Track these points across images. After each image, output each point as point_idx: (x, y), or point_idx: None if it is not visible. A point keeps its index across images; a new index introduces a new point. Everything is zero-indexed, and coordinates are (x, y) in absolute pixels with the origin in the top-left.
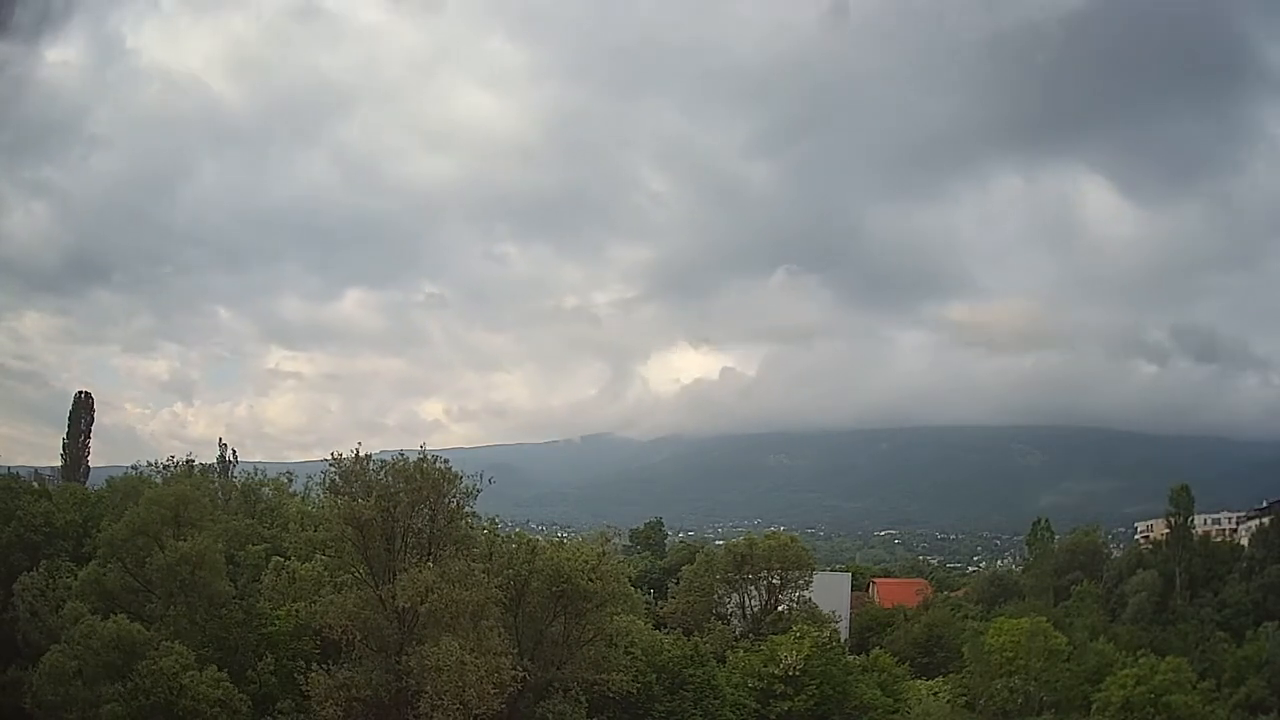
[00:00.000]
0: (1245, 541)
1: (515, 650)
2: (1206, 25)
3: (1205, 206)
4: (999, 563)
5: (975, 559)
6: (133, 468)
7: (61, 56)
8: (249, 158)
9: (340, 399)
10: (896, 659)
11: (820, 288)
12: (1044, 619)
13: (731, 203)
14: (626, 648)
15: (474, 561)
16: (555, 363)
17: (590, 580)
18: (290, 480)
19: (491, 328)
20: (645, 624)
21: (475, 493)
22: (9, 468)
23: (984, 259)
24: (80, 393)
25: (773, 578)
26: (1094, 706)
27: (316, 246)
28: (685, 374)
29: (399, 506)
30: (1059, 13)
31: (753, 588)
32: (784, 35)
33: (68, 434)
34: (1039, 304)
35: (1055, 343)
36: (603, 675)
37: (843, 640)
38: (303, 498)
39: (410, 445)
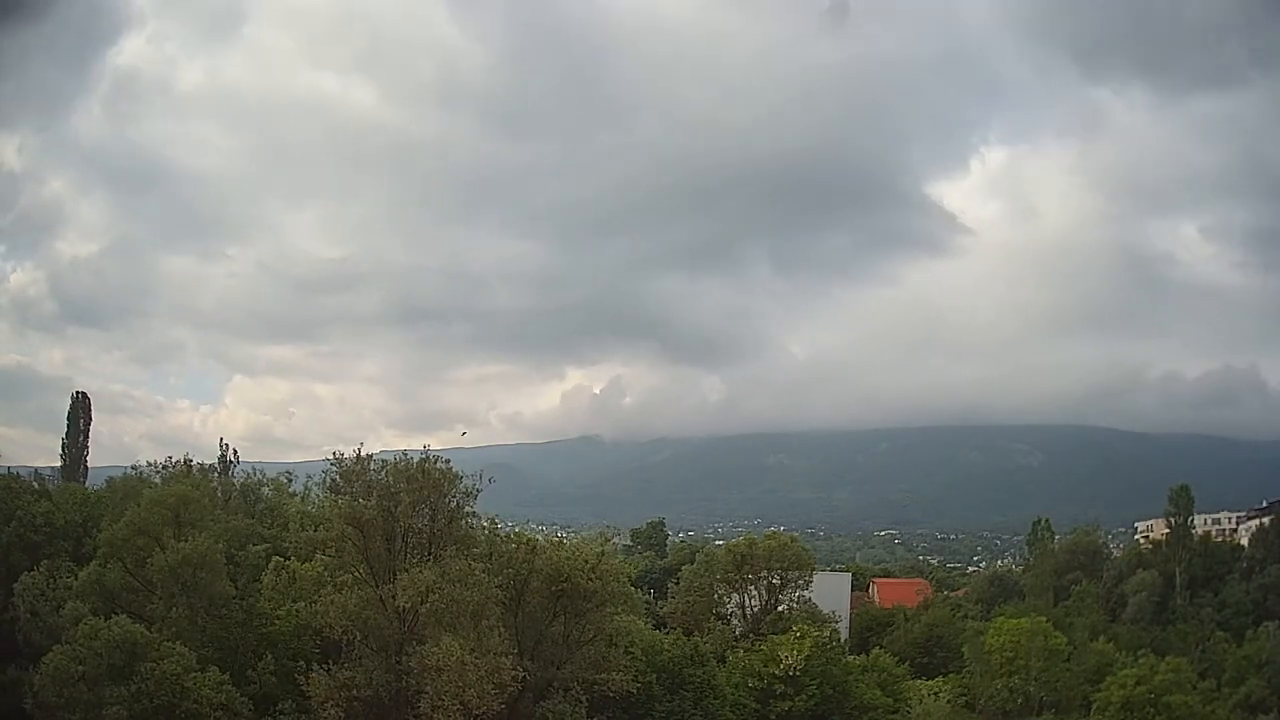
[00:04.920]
0: (1245, 541)
1: (515, 650)
2: (846, 157)
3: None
4: (999, 563)
5: (975, 559)
6: (133, 468)
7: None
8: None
9: (299, 413)
10: (896, 659)
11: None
12: (1044, 619)
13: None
14: (626, 647)
15: (474, 561)
16: (487, 384)
17: (590, 580)
18: (290, 480)
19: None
20: (645, 624)
21: (475, 493)
22: (9, 468)
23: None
24: (77, 393)
25: (773, 578)
26: (1094, 706)
27: (250, 309)
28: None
29: (400, 506)
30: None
31: (753, 588)
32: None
33: (67, 434)
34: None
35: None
36: (603, 675)
37: (843, 640)
38: (303, 498)
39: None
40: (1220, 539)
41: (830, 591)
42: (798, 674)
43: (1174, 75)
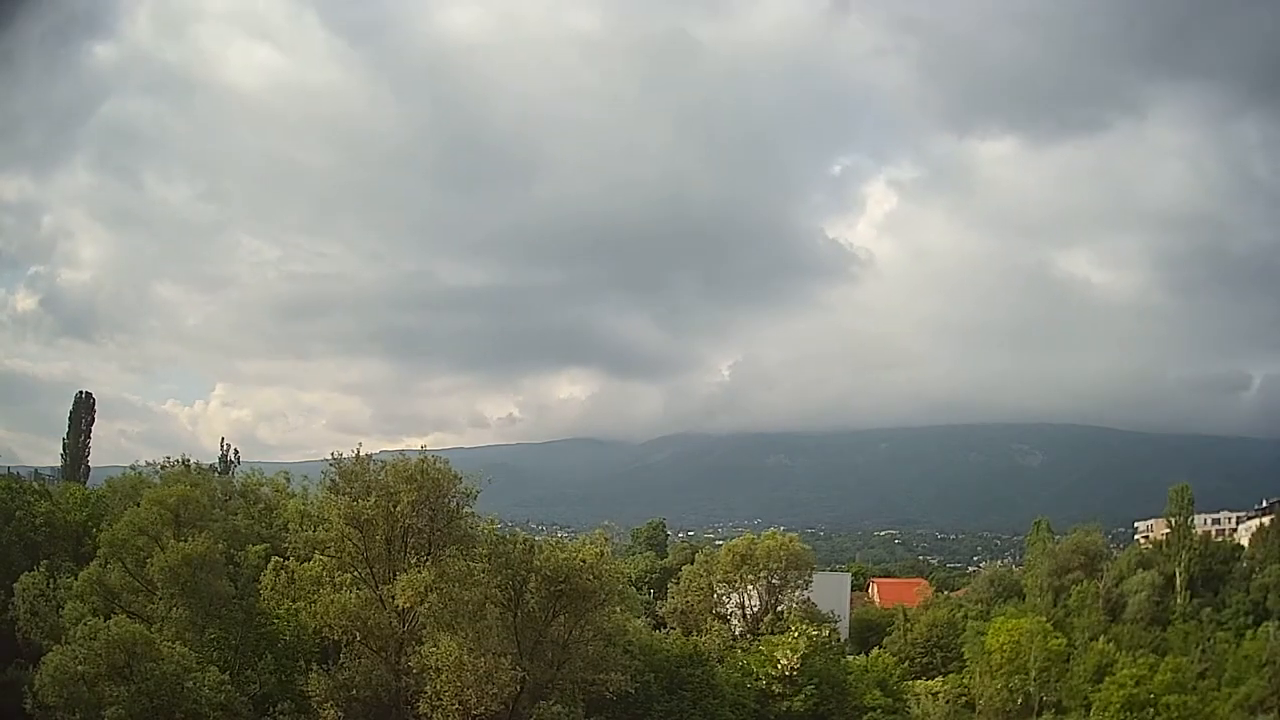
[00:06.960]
0: (1245, 541)
1: (514, 650)
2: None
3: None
4: (999, 563)
5: (975, 559)
6: (132, 467)
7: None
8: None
9: (285, 418)
10: (896, 659)
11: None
12: (1044, 619)
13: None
14: (625, 647)
15: (474, 561)
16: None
17: (589, 579)
18: (289, 480)
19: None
20: (644, 623)
21: (475, 493)
22: (9, 468)
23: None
24: (81, 393)
25: (772, 578)
26: (1094, 706)
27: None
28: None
29: (399, 506)
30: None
31: (752, 588)
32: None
33: (68, 434)
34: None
35: None
36: (601, 675)
37: (843, 640)
38: (301, 497)
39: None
40: (1220, 539)
41: (830, 591)
42: (795, 674)
43: (1042, 126)
